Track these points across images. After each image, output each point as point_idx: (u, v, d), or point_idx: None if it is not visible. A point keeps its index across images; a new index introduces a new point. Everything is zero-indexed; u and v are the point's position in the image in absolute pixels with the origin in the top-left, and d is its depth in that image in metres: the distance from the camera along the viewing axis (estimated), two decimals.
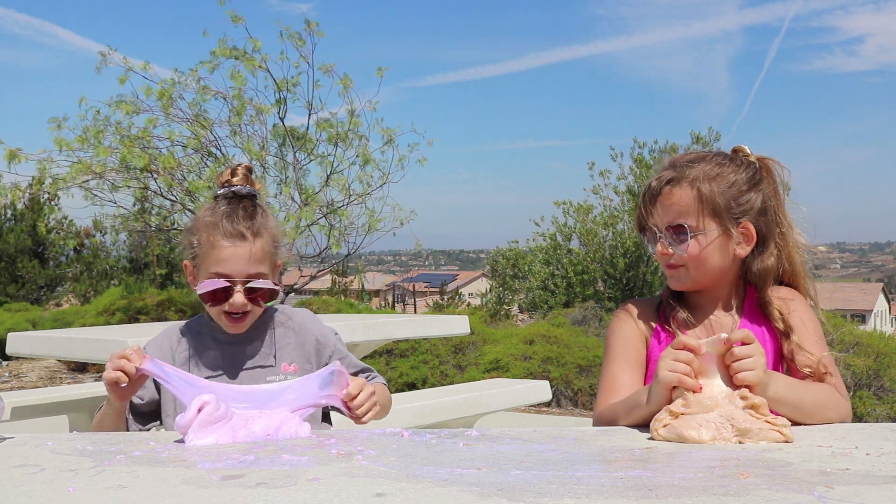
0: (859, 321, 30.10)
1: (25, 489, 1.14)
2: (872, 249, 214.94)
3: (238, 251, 1.84)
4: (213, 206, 1.92)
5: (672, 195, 1.78)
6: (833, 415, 1.64)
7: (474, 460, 1.29)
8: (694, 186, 1.76)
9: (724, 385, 1.51)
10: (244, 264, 1.85)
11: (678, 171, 1.79)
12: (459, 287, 47.33)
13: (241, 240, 1.85)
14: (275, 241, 1.93)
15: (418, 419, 4.50)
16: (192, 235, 1.91)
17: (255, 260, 1.86)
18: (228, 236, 1.85)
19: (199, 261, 1.89)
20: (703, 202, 1.76)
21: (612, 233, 21.92)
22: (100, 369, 9.32)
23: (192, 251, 1.91)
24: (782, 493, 1.07)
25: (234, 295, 1.85)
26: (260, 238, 1.87)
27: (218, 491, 1.11)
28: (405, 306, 33.18)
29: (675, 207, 1.77)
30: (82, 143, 8.10)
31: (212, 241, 1.85)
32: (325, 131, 8.84)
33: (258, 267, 1.86)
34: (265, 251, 1.88)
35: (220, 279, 1.84)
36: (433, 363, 9.00)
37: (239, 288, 1.85)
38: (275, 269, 1.93)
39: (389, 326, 4.94)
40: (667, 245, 1.78)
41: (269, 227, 1.91)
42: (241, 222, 1.87)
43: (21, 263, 17.75)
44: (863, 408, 6.75)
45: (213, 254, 1.85)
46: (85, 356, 4.08)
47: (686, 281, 1.81)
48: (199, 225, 1.90)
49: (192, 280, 1.93)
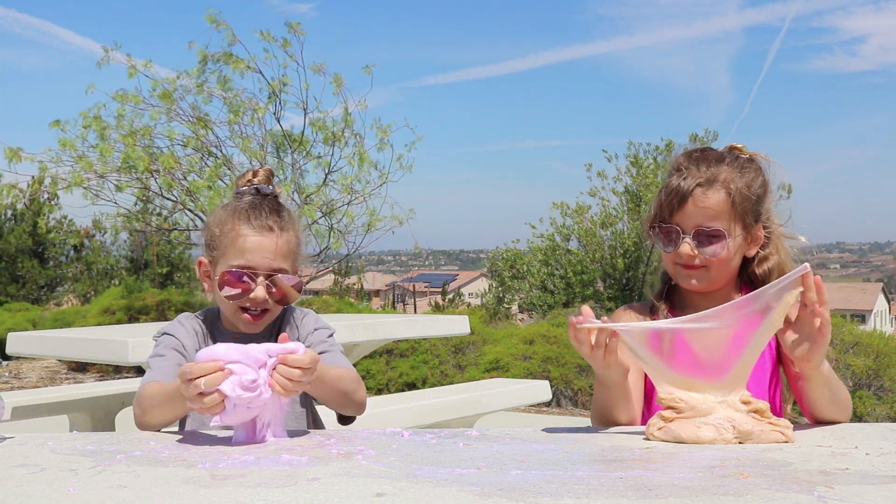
0: (859, 321, 30.10)
1: (25, 489, 1.14)
2: (872, 249, 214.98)
3: (264, 241, 1.76)
4: (237, 200, 1.83)
5: (707, 198, 1.76)
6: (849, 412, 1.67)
7: (474, 460, 1.29)
8: (727, 190, 1.76)
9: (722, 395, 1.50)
10: (269, 256, 1.76)
11: (709, 172, 1.77)
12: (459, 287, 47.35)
13: (268, 231, 1.77)
14: (299, 242, 1.86)
15: (418, 419, 4.50)
16: (212, 228, 1.83)
17: (281, 254, 1.78)
18: (254, 227, 1.77)
19: (219, 254, 1.80)
20: (735, 207, 1.76)
21: (611, 233, 21.93)
22: (100, 369, 9.32)
23: (210, 246, 1.83)
24: (782, 493, 1.07)
25: (256, 289, 1.76)
26: (286, 233, 1.80)
27: (218, 491, 1.11)
28: (405, 306, 33.18)
29: (709, 211, 1.76)
30: (84, 140, 8.11)
31: (236, 231, 1.77)
32: (322, 132, 8.85)
33: (282, 262, 1.78)
34: (290, 248, 1.81)
35: (242, 272, 1.75)
36: (433, 363, 9.00)
37: (261, 281, 1.76)
38: (296, 266, 1.86)
39: (389, 326, 4.94)
40: (693, 247, 1.77)
41: (295, 226, 1.85)
42: (269, 216, 1.79)
43: (21, 263, 17.76)
44: (863, 408, 6.75)
45: (237, 244, 1.76)
46: (85, 356, 4.08)
47: (704, 282, 1.81)
48: (221, 216, 1.81)
49: (207, 278, 1.85)
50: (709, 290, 1.83)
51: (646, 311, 1.90)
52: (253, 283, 1.76)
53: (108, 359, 3.75)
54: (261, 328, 1.84)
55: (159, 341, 1.83)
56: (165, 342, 1.82)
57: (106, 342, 3.67)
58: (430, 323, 5.44)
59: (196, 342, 1.84)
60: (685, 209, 1.77)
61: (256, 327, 1.83)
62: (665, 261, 1.86)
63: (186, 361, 1.76)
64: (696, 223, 1.77)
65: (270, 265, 1.77)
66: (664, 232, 1.81)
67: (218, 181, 8.38)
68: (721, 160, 1.81)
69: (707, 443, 1.42)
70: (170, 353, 1.79)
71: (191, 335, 1.85)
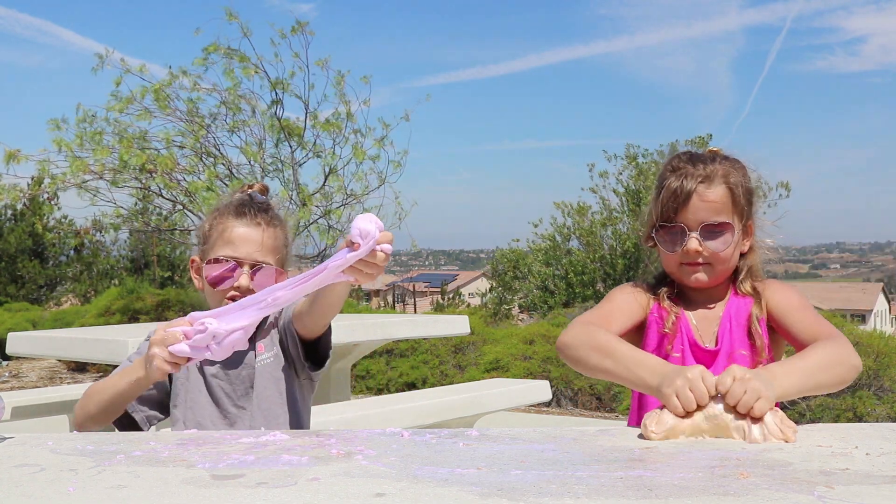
0: (859, 321, 30.09)
1: (25, 489, 1.14)
2: (872, 249, 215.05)
3: (250, 233, 1.84)
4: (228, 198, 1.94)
5: (710, 193, 1.79)
6: (843, 371, 1.62)
7: (474, 460, 1.29)
8: (727, 184, 1.80)
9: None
10: (254, 248, 1.84)
11: (707, 169, 1.81)
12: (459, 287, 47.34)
13: (255, 225, 1.85)
14: (286, 241, 1.92)
15: (418, 419, 4.50)
16: (203, 225, 1.91)
17: (266, 248, 1.85)
18: (241, 220, 1.85)
19: (208, 248, 1.87)
20: (735, 200, 1.80)
21: (611, 233, 21.94)
22: (100, 369, 9.32)
23: (201, 243, 1.90)
24: (782, 493, 1.07)
25: (241, 277, 1.82)
26: (273, 228, 1.88)
27: (218, 491, 1.11)
28: (405, 306, 33.18)
29: (714, 205, 1.79)
30: (80, 143, 8.12)
31: (224, 224, 1.86)
32: (319, 126, 8.86)
33: (267, 256, 1.85)
34: (276, 244, 1.88)
35: (227, 261, 1.83)
36: (433, 363, 9.00)
37: (246, 270, 1.83)
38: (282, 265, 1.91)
39: (389, 326, 4.94)
40: (701, 242, 1.79)
41: (283, 225, 1.92)
42: (258, 212, 1.88)
43: (21, 263, 17.76)
44: (863, 408, 6.75)
45: (225, 235, 1.85)
46: (85, 356, 4.09)
47: (711, 277, 1.83)
48: (212, 214, 1.90)
49: (197, 276, 1.91)
50: (714, 285, 1.86)
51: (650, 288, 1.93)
52: (237, 272, 1.83)
53: (107, 359, 3.76)
54: None
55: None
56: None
57: (105, 342, 3.68)
58: (431, 323, 5.44)
59: None
60: (689, 207, 1.79)
61: None
62: (668, 263, 1.87)
63: None
64: (700, 219, 1.79)
65: (255, 257, 1.84)
66: (669, 232, 1.82)
67: (216, 181, 8.39)
68: (713, 159, 1.85)
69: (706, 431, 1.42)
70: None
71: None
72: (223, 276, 1.83)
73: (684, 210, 1.79)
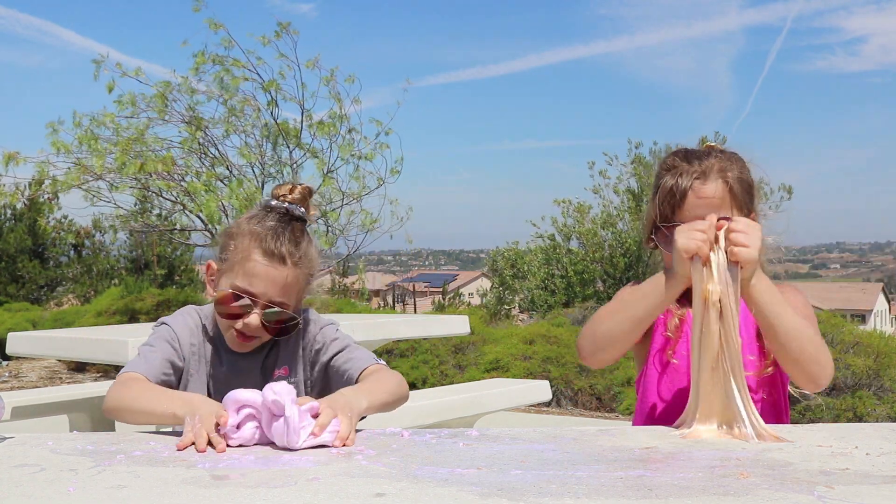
0: (859, 321, 30.06)
1: (25, 489, 1.14)
2: (872, 249, 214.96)
3: (272, 273, 1.73)
4: (262, 217, 1.79)
5: (706, 189, 1.76)
6: (812, 350, 1.63)
7: (474, 460, 1.29)
8: (724, 178, 1.77)
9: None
10: (273, 289, 1.74)
11: (702, 165, 1.79)
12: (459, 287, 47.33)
13: (280, 263, 1.74)
14: (310, 276, 1.83)
15: (418, 419, 4.50)
16: (229, 239, 1.79)
17: (286, 289, 1.75)
18: (267, 254, 1.73)
19: (227, 266, 1.77)
20: (734, 194, 1.78)
21: (611, 232, 21.93)
22: (100, 369, 9.32)
23: (223, 254, 1.80)
24: (782, 493, 1.07)
25: (251, 316, 1.74)
26: (298, 269, 1.76)
27: (218, 491, 1.11)
28: (405, 306, 33.17)
29: (711, 201, 1.76)
30: (80, 146, 8.13)
31: (248, 252, 1.74)
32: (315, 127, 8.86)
33: (284, 296, 1.75)
34: (298, 284, 1.78)
35: (242, 296, 1.73)
36: (433, 363, 9.00)
37: (258, 310, 1.74)
38: (299, 303, 1.83)
39: (389, 326, 4.94)
40: None
41: (311, 259, 1.81)
42: (286, 244, 1.75)
43: (21, 263, 17.76)
44: (863, 408, 6.75)
45: (246, 266, 1.73)
46: (85, 356, 4.08)
47: None
48: (242, 230, 1.78)
49: (211, 282, 1.83)
50: None
51: None
52: (250, 310, 1.74)
53: (107, 359, 3.75)
54: (248, 349, 1.82)
55: (157, 330, 1.82)
56: (161, 333, 1.81)
57: (105, 342, 3.68)
58: (430, 323, 5.44)
59: (194, 338, 1.84)
60: (686, 204, 1.77)
61: (243, 348, 1.81)
62: (669, 263, 1.85)
63: (178, 356, 1.78)
64: (699, 216, 1.76)
65: (271, 297, 1.74)
66: (668, 232, 1.81)
67: (216, 181, 8.39)
68: (709, 154, 1.82)
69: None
70: (161, 346, 1.78)
71: (190, 330, 1.84)
72: (236, 314, 1.75)
73: (681, 208, 1.77)
